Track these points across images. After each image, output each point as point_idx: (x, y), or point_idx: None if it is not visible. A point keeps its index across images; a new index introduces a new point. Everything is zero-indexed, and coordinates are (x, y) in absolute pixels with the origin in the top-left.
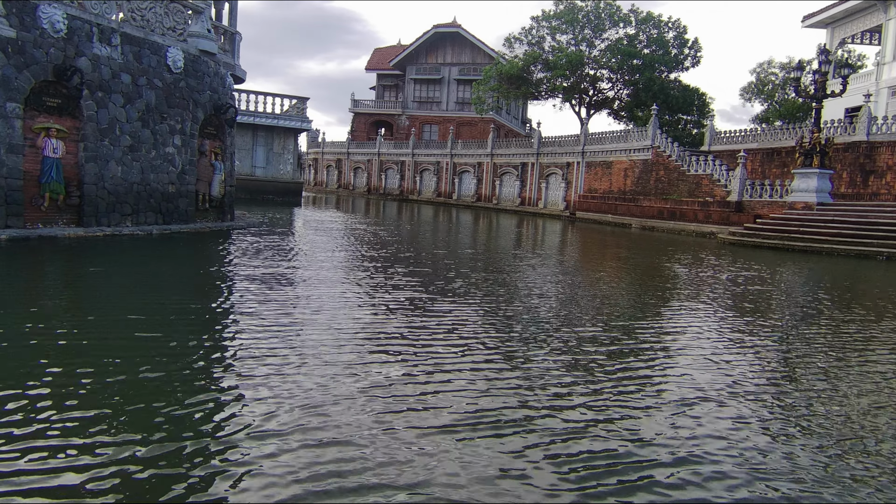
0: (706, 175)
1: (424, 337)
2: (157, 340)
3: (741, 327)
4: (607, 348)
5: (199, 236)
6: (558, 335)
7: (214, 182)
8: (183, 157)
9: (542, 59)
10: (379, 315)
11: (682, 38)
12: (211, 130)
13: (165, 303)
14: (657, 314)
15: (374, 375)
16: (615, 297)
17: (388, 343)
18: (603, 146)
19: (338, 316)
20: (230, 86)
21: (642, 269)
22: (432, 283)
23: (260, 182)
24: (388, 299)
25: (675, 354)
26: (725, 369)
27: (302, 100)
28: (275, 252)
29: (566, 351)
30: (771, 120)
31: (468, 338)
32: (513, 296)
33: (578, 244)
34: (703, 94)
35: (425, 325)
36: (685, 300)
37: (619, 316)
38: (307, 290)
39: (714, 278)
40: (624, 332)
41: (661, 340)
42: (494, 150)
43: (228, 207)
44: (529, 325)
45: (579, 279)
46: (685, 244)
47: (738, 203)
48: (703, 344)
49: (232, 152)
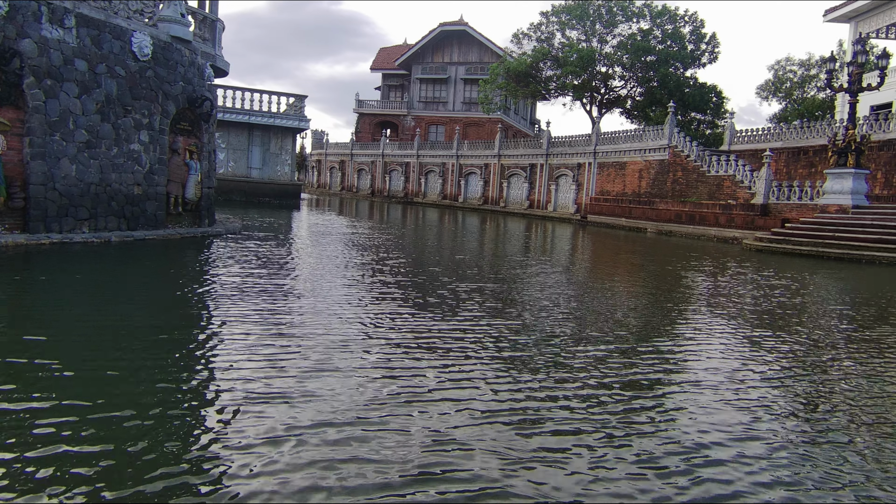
0: (728, 176)
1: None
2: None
3: (778, 356)
4: (619, 379)
5: (165, 245)
6: (563, 358)
7: (189, 183)
8: (151, 155)
9: (552, 55)
10: (373, 355)
11: (699, 33)
12: (185, 126)
13: (74, 332)
14: (678, 336)
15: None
16: (631, 313)
17: (384, 395)
18: (616, 146)
19: (325, 369)
20: (209, 77)
21: (661, 279)
22: (437, 308)
23: (256, 184)
24: (381, 331)
25: (695, 387)
26: (752, 408)
27: (300, 97)
28: (251, 266)
29: (570, 380)
30: (789, 119)
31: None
32: (521, 314)
33: (590, 250)
34: (720, 92)
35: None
36: (712, 319)
37: (633, 337)
38: (285, 327)
39: (744, 291)
40: (639, 356)
41: (680, 368)
42: (502, 150)
43: (206, 211)
44: (534, 350)
45: (591, 293)
46: (707, 250)
47: (764, 206)
48: (732, 374)
49: (211, 151)
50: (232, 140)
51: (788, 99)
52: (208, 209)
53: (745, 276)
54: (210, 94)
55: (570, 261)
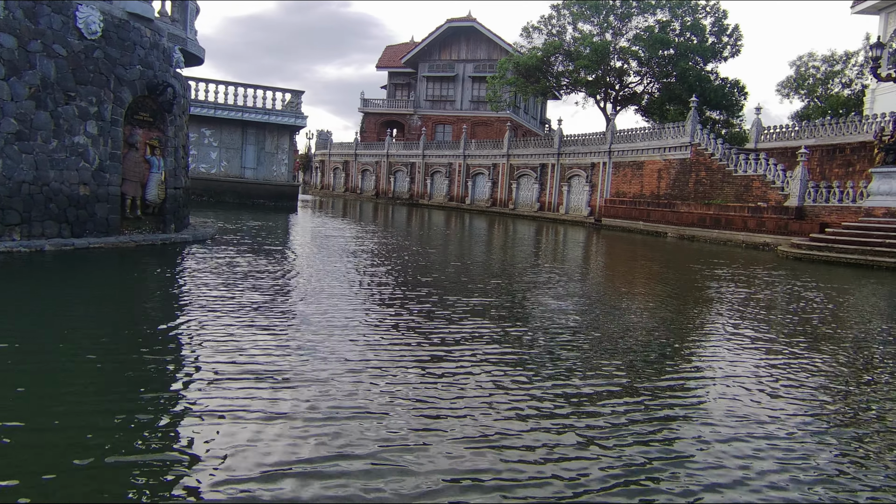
0: (757, 176)
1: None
2: None
3: (846, 409)
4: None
5: (110, 255)
6: (572, 389)
7: (150, 183)
8: (100, 149)
9: (564, 49)
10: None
11: (721, 25)
12: (145, 117)
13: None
14: (710, 371)
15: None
16: (652, 339)
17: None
18: (633, 144)
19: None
20: (178, 63)
21: (691, 293)
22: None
23: (250, 185)
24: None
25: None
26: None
27: (296, 93)
28: (203, 289)
29: (577, 413)
30: (811, 117)
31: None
32: (534, 342)
33: (606, 258)
34: (742, 87)
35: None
36: (754, 346)
37: (658, 372)
38: (246, 381)
39: (791, 311)
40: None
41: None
42: (511, 150)
43: (173, 215)
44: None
45: (616, 312)
46: (737, 258)
47: (799, 209)
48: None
49: (179, 146)
50: (224, 138)
51: (811, 96)
52: (175, 212)
53: (790, 291)
54: (177, 81)
55: (587, 271)
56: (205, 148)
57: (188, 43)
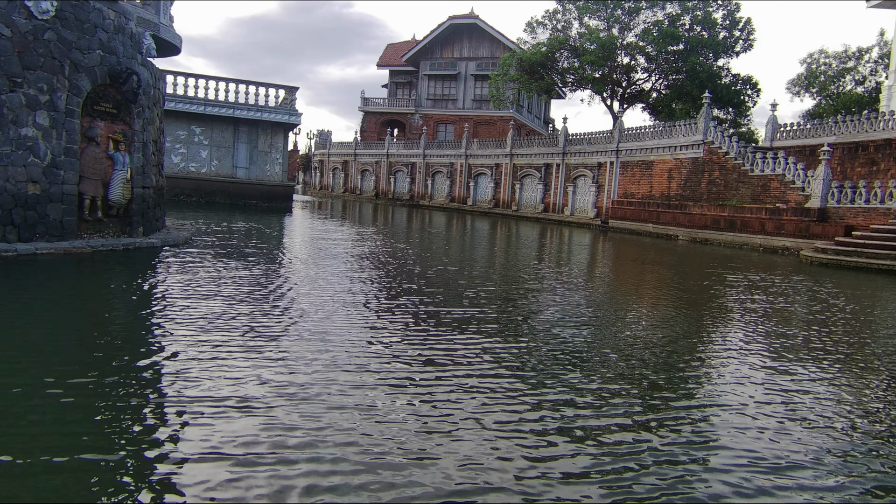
0: (776, 176)
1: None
2: None
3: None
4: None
5: (61, 263)
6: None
7: (114, 181)
8: (53, 143)
9: (570, 45)
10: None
11: (734, 18)
12: (107, 108)
13: None
14: (735, 401)
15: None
16: (671, 365)
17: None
18: (642, 143)
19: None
20: (149, 50)
21: (709, 304)
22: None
23: (242, 185)
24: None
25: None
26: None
27: (290, 89)
28: (157, 309)
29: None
30: (823, 116)
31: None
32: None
33: (614, 263)
34: (755, 84)
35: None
36: (787, 370)
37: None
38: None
39: (827, 326)
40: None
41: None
42: (514, 149)
43: (141, 217)
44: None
45: (618, 327)
46: (755, 263)
47: (822, 210)
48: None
49: (150, 141)
50: (215, 136)
51: (823, 94)
52: (144, 214)
53: (822, 302)
54: (146, 70)
55: (595, 278)
56: (195, 146)
57: (161, 28)
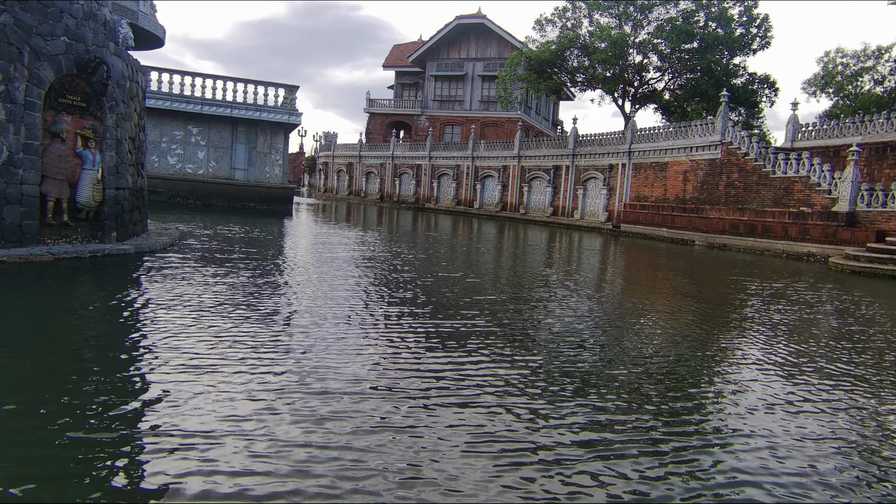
0: (800, 178)
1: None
2: None
3: None
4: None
5: (14, 272)
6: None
7: (83, 181)
8: (10, 139)
9: (580, 43)
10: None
11: (751, 14)
12: (74, 101)
13: None
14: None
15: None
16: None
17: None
18: (655, 144)
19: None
20: (125, 40)
21: (738, 319)
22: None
23: (240, 187)
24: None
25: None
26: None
27: (290, 88)
28: (124, 323)
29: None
30: (841, 116)
31: None
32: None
33: (626, 270)
34: (773, 83)
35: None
36: (839, 398)
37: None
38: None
39: (875, 347)
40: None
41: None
42: (522, 151)
43: (114, 221)
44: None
45: (634, 352)
46: (781, 271)
47: (850, 214)
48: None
49: (126, 138)
50: (213, 137)
51: (840, 94)
52: (118, 218)
53: (864, 318)
54: (121, 61)
55: (608, 287)
56: (192, 147)
57: (139, 17)
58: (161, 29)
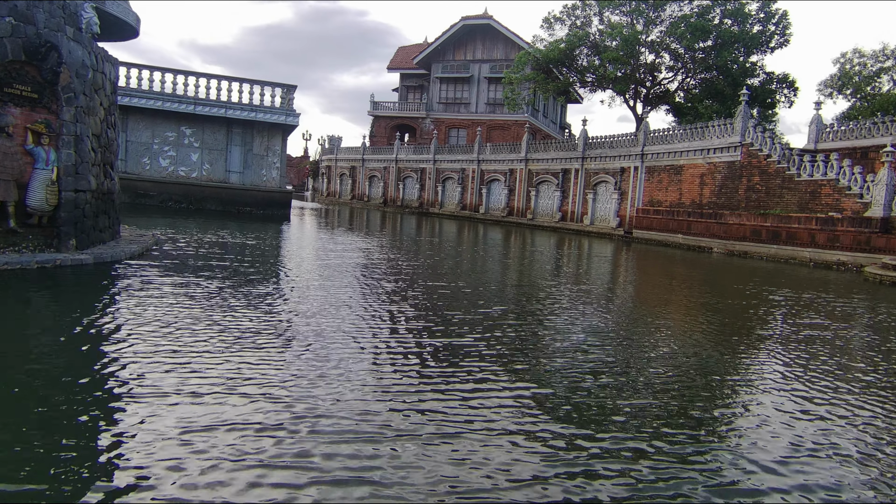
0: (828, 181)
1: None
2: None
3: None
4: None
5: None
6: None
7: (34, 183)
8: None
9: (590, 41)
10: None
11: (769, 10)
12: (24, 91)
13: None
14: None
15: None
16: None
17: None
18: (670, 146)
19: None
20: (90, 26)
21: (775, 342)
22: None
23: (235, 190)
24: None
25: None
26: None
27: (288, 88)
28: (56, 353)
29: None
30: (859, 118)
31: None
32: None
33: (639, 280)
34: (793, 82)
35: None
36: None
37: None
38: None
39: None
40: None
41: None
42: (529, 154)
43: (73, 227)
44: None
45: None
46: (812, 282)
47: (885, 220)
48: None
49: (88, 135)
50: (207, 138)
51: (858, 95)
52: (78, 224)
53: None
54: (81, 48)
55: (627, 298)
56: (185, 149)
57: (107, 3)
58: (133, 16)
